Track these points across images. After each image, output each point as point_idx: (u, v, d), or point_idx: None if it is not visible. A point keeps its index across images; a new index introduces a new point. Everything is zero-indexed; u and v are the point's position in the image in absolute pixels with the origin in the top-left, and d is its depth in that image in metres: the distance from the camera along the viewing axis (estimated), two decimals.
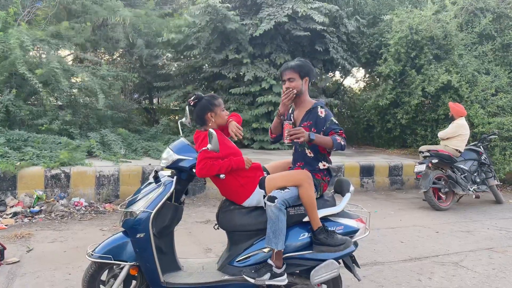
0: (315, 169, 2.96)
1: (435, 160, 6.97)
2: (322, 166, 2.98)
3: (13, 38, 7.11)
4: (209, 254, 4.33)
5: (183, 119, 3.10)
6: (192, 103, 2.91)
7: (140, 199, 2.82)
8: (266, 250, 2.79)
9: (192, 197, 6.81)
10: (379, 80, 11.93)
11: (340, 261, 2.92)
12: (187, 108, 3.06)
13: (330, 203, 2.97)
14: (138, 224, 2.71)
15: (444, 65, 9.62)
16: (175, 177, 2.84)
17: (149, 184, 2.93)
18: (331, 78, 13.85)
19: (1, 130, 6.72)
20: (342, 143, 2.80)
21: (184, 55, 10.92)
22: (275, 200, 2.68)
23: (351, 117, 13.74)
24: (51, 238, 4.69)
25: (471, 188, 7.14)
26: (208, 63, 10.61)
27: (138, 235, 2.70)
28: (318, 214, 2.81)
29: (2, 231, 4.86)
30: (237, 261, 2.84)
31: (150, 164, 6.71)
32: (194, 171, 2.77)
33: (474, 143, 7.69)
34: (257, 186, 2.84)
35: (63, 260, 4.01)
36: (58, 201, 5.87)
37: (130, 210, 2.78)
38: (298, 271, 2.90)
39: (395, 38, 9.93)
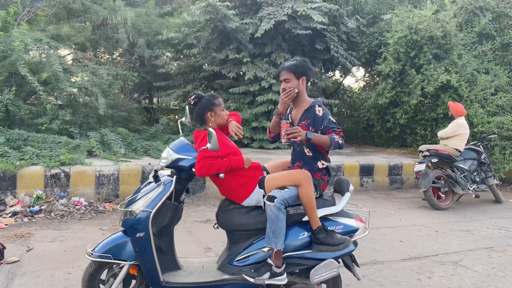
0: (314, 168, 2.96)
1: (434, 160, 6.97)
2: (321, 165, 2.98)
3: (17, 41, 7.09)
4: (208, 254, 4.34)
5: (183, 119, 3.11)
6: (192, 102, 2.91)
7: (139, 198, 2.83)
8: (265, 249, 2.79)
9: (192, 196, 6.81)
10: (379, 79, 11.93)
11: (340, 260, 2.92)
12: (187, 107, 3.06)
13: (330, 202, 2.97)
14: (138, 224, 2.71)
15: (444, 64, 9.62)
16: (174, 176, 2.85)
17: (148, 183, 2.93)
18: (331, 78, 13.85)
19: (0, 130, 6.72)
20: (340, 142, 2.80)
21: (184, 55, 10.92)
22: (274, 199, 2.68)
23: (350, 116, 13.74)
24: (51, 237, 4.69)
25: (471, 187, 7.14)
26: (207, 62, 10.60)
27: (138, 235, 2.70)
28: (318, 213, 2.81)
29: (2, 230, 4.86)
30: (236, 260, 2.84)
31: (150, 164, 6.71)
32: (193, 170, 2.78)
33: (473, 143, 7.69)
34: (256, 185, 2.84)
35: (63, 259, 4.02)
36: (58, 200, 5.87)
37: (130, 210, 2.78)
38: (297, 271, 2.91)
39: (394, 37, 9.93)
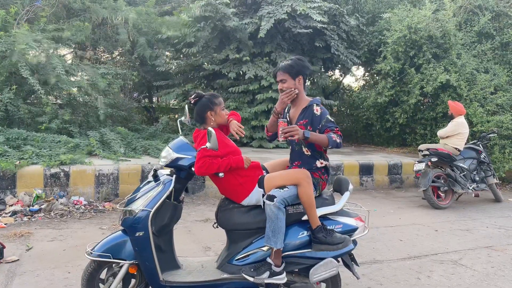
0: (313, 167, 2.95)
1: (434, 159, 6.97)
2: (319, 164, 2.98)
3: (23, 44, 7.08)
4: (208, 253, 4.34)
5: (182, 118, 3.11)
6: (192, 101, 2.90)
7: (139, 197, 2.83)
8: (265, 248, 2.79)
9: (191, 195, 6.81)
10: (378, 78, 11.94)
11: (339, 259, 2.92)
12: (186, 106, 3.06)
13: (329, 201, 2.97)
14: (137, 223, 2.71)
15: (443, 64, 9.62)
16: (174, 175, 2.85)
17: (148, 182, 2.93)
18: (331, 77, 13.84)
19: (0, 129, 6.71)
20: (338, 141, 2.79)
21: (183, 54, 10.91)
22: (274, 199, 2.68)
23: (350, 115, 13.74)
24: (51, 236, 4.69)
25: (470, 186, 7.14)
26: (207, 61, 10.60)
27: (137, 234, 2.70)
28: (317, 212, 2.81)
29: (1, 229, 4.86)
30: (236, 259, 2.85)
31: (149, 163, 6.71)
32: (193, 170, 2.78)
33: (473, 142, 7.69)
34: (256, 185, 2.84)
35: (63, 258, 4.02)
36: (57, 199, 5.87)
37: (129, 209, 2.79)
38: (297, 270, 2.91)
39: (393, 37, 9.93)
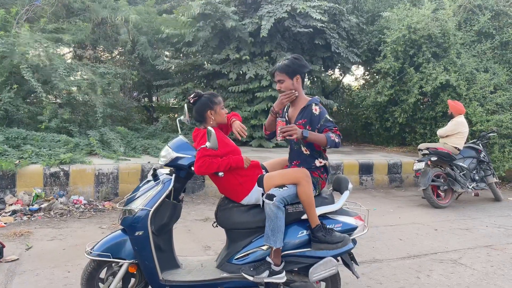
0: (312, 167, 2.95)
1: (434, 158, 6.97)
2: (318, 163, 2.98)
3: (27, 46, 7.05)
4: (208, 252, 4.34)
5: (182, 117, 3.11)
6: (192, 101, 2.90)
7: (138, 197, 2.83)
8: (264, 247, 2.79)
9: (191, 195, 6.81)
10: (378, 77, 11.93)
11: (339, 258, 2.92)
12: (185, 106, 3.06)
13: (329, 200, 2.98)
14: (137, 222, 2.71)
15: (443, 63, 9.61)
16: (173, 175, 2.85)
17: (147, 182, 2.93)
18: (331, 76, 13.82)
19: (0, 129, 6.71)
20: (336, 141, 2.79)
21: (183, 53, 10.89)
22: (273, 198, 2.68)
23: (349, 114, 13.74)
24: (50, 236, 4.69)
25: (470, 185, 7.14)
26: (206, 60, 10.59)
27: (137, 233, 2.70)
28: (317, 211, 2.82)
29: (1, 229, 4.86)
30: (235, 258, 2.85)
31: (149, 162, 6.71)
32: (192, 169, 2.78)
33: (473, 141, 7.69)
34: (255, 184, 2.84)
35: (62, 258, 4.02)
36: (57, 199, 5.87)
37: (129, 208, 2.79)
38: (296, 269, 2.91)
39: (392, 36, 9.92)
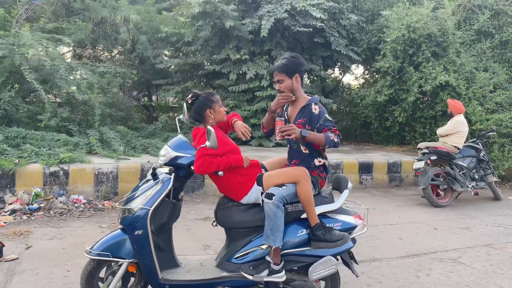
0: (311, 166, 2.95)
1: (433, 157, 6.96)
2: (317, 162, 2.98)
3: (26, 46, 7.05)
4: (207, 251, 4.34)
5: (181, 116, 3.10)
6: (190, 101, 2.90)
7: (138, 196, 2.83)
8: (264, 247, 2.79)
9: (191, 194, 6.81)
10: (378, 76, 11.92)
11: (338, 257, 2.92)
12: (184, 104, 3.06)
13: (328, 199, 2.98)
14: (136, 221, 2.71)
15: (442, 63, 9.61)
16: (173, 174, 2.84)
17: (147, 181, 2.93)
18: (330, 75, 13.81)
19: None
20: (336, 140, 2.78)
21: (182, 52, 10.88)
22: (272, 197, 2.68)
23: (349, 113, 13.73)
24: (50, 235, 4.69)
25: (470, 184, 7.15)
26: (206, 59, 10.58)
27: (136, 232, 2.70)
28: (316, 211, 2.82)
29: (1, 228, 4.86)
30: (235, 257, 2.85)
31: (149, 162, 6.71)
32: (192, 168, 2.77)
33: (472, 140, 7.69)
34: (255, 183, 2.84)
35: (62, 257, 4.02)
36: (56, 198, 5.87)
37: (128, 207, 2.79)
38: (296, 268, 2.90)
39: (392, 35, 9.91)
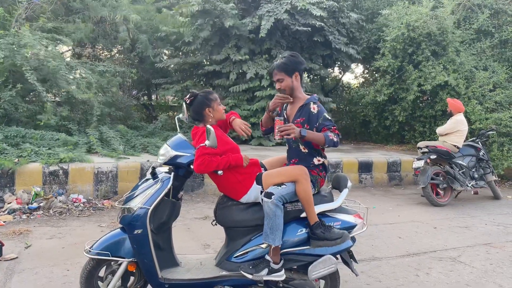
0: (310, 165, 2.95)
1: (433, 156, 6.97)
2: (317, 161, 2.98)
3: (27, 47, 7.04)
4: (207, 250, 4.34)
5: (180, 115, 3.10)
6: (188, 101, 2.90)
7: (137, 195, 2.82)
8: (263, 246, 2.79)
9: (190, 193, 6.81)
10: (377, 75, 11.91)
11: (338, 256, 2.92)
12: (184, 103, 3.06)
13: (328, 198, 2.98)
14: (136, 221, 2.71)
15: (442, 62, 9.60)
16: (172, 173, 2.84)
17: (146, 180, 2.93)
18: (330, 74, 13.80)
19: None
20: (335, 140, 2.79)
21: (182, 51, 10.87)
22: (272, 196, 2.68)
23: (348, 112, 13.73)
24: (50, 234, 4.69)
25: (469, 183, 7.15)
26: (205, 59, 10.56)
27: (136, 231, 2.70)
28: (316, 210, 2.82)
29: (0, 227, 4.86)
30: (235, 256, 2.85)
31: (148, 161, 6.71)
32: (192, 167, 2.77)
33: (472, 139, 7.69)
34: (254, 182, 2.84)
35: (62, 256, 4.02)
36: (56, 197, 5.86)
37: (128, 207, 2.78)
38: (295, 267, 2.91)
39: (391, 34, 9.90)
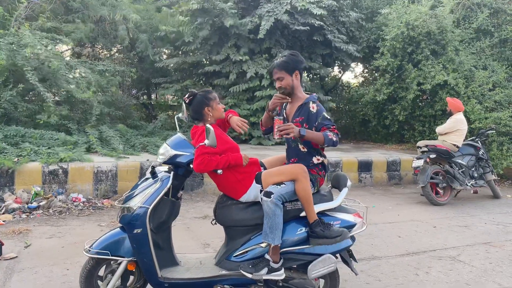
0: (310, 164, 2.95)
1: (433, 155, 6.97)
2: (316, 160, 2.98)
3: (28, 47, 7.03)
4: (207, 249, 4.34)
5: (180, 114, 3.10)
6: (187, 101, 2.90)
7: (137, 194, 2.82)
8: (263, 245, 2.79)
9: (190, 192, 6.81)
10: (377, 74, 11.91)
11: (338, 255, 2.93)
12: (183, 103, 3.06)
13: (327, 198, 2.98)
14: (135, 220, 2.71)
15: (441, 61, 9.60)
16: (172, 172, 2.84)
17: (146, 179, 2.93)
18: (330, 73, 13.79)
19: None
20: (334, 139, 2.79)
21: (182, 51, 10.86)
22: (271, 195, 2.68)
23: (348, 111, 13.73)
24: (49, 233, 4.69)
25: (469, 183, 7.16)
26: (205, 58, 10.55)
27: (136, 231, 2.70)
28: (315, 209, 2.82)
29: (0, 227, 4.86)
30: (234, 256, 2.85)
31: (148, 160, 6.71)
32: (191, 167, 2.77)
33: (471, 138, 7.70)
34: (254, 181, 2.84)
35: (61, 255, 4.02)
36: (56, 197, 5.86)
37: (127, 206, 2.78)
38: (295, 266, 2.91)
39: (391, 33, 9.90)
